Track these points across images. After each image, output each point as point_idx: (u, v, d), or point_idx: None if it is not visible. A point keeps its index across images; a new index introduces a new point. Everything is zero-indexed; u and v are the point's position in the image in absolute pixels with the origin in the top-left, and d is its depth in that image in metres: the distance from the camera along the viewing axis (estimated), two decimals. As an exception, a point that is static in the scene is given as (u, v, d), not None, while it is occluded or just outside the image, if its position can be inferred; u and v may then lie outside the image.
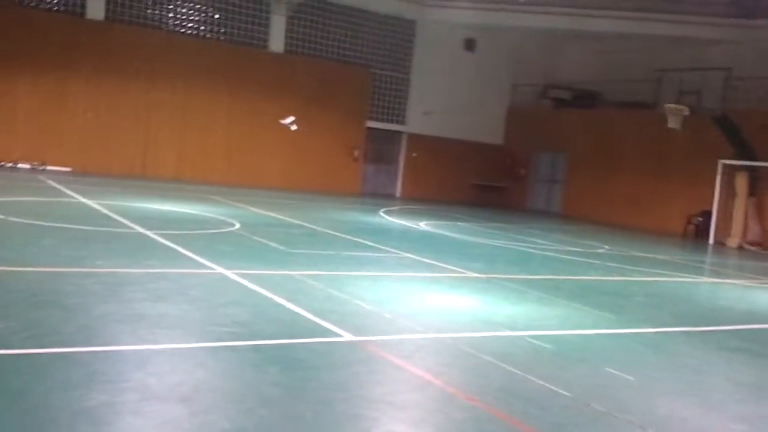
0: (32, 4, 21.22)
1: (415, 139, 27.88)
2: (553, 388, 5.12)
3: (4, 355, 4.60)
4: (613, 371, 5.79)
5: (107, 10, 22.17)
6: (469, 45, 28.44)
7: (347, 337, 5.97)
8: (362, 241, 12.64)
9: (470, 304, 8.09)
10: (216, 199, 17.58)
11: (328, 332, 6.07)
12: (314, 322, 6.33)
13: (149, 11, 22.88)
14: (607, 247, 16.42)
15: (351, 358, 5.49)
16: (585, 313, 8.25)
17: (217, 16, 23.90)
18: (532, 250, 14.32)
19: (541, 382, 5.21)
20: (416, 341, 6.17)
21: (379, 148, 27.58)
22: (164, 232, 10.91)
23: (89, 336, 5.22)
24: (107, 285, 6.90)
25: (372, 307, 7.19)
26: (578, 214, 25.68)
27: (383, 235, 14.53)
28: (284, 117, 21.83)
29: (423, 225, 17.08)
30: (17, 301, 5.98)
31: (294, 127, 21.70)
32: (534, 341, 6.49)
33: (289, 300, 7.05)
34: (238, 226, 12.74)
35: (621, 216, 24.39)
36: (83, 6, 21.84)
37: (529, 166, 28.86)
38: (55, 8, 21.55)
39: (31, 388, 4.06)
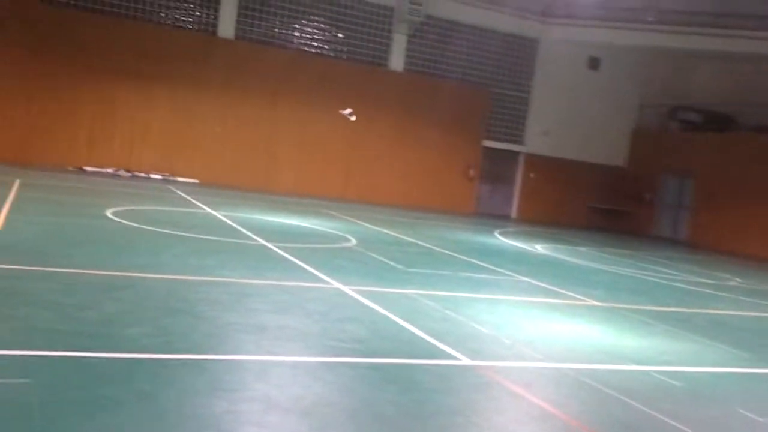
0: (168, 22, 22.52)
1: (533, 160, 27.37)
2: (680, 427, 4.80)
3: (138, 358, 4.81)
4: (746, 413, 5.37)
5: (237, 29, 23.20)
6: (593, 64, 27.70)
7: (464, 360, 5.86)
8: (478, 262, 12.47)
9: (592, 333, 7.77)
10: (333, 214, 17.91)
11: (445, 354, 5.98)
12: (431, 344, 6.26)
13: (276, 30, 23.76)
14: (739, 279, 15.42)
15: (469, 382, 5.38)
16: (716, 349, 7.73)
17: (340, 35, 24.49)
18: (658, 280, 13.64)
19: (669, 421, 4.90)
20: (536, 369, 5.97)
21: (496, 168, 27.26)
22: (284, 244, 11.19)
23: (215, 344, 5.38)
24: (232, 295, 7.12)
25: (489, 331, 7.04)
26: (707, 243, 24.29)
27: (499, 257, 14.29)
28: (349, 113, 21.96)
29: (540, 248, 16.67)
30: (150, 306, 6.27)
31: (353, 118, 21.76)
32: (661, 377, 6.13)
33: (405, 319, 7.02)
34: (354, 242, 12.89)
35: (754, 247, 22.85)
36: (215, 25, 22.96)
37: (654, 190, 27.63)
38: (189, 27, 22.78)
39: (161, 392, 4.21)
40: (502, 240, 17.56)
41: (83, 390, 4.09)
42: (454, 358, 5.90)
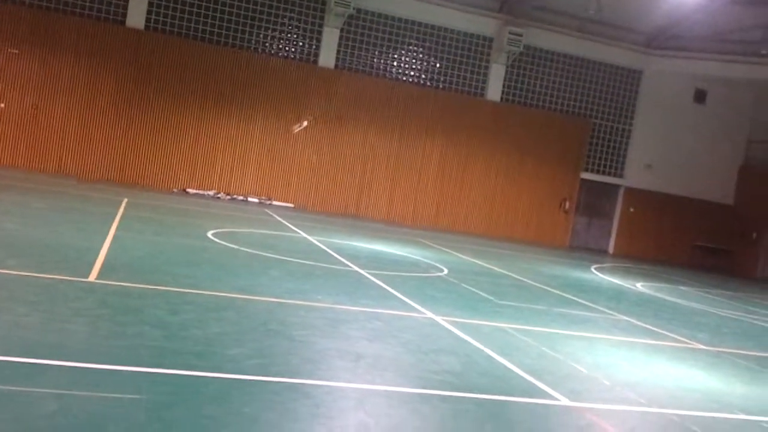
0: (272, 52, 23.29)
1: (633, 193, 26.56)
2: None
3: (239, 379, 4.91)
4: None
5: (337, 59, 23.74)
6: (700, 97, 26.73)
7: (564, 401, 5.68)
8: (574, 298, 12.13)
9: (697, 378, 7.38)
10: (424, 243, 17.90)
11: (542, 393, 5.81)
12: (528, 381, 6.10)
13: (375, 60, 24.17)
14: None
15: (569, 424, 5.20)
16: (837, 404, 7.17)
17: (438, 64, 24.66)
18: (766, 324, 12.88)
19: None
20: (638, 414, 5.71)
21: (593, 201, 26.60)
22: (377, 271, 11.25)
23: (313, 369, 5.43)
24: (328, 320, 7.19)
25: (588, 371, 6.80)
26: (820, 288, 22.78)
27: (596, 293, 13.86)
28: (299, 125, 21.58)
29: (640, 286, 16.07)
30: (250, 328, 6.41)
31: (304, 123, 21.24)
32: (776, 431, 5.75)
33: (500, 354, 6.89)
34: (446, 271, 12.81)
35: None
36: (316, 55, 23.58)
37: (761, 229, 26.23)
38: (292, 57, 23.48)
39: (262, 415, 4.28)
40: (599, 276, 17.05)
41: (188, 409, 4.20)
42: (553, 398, 5.73)
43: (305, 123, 20.15)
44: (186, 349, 5.41)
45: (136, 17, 21.85)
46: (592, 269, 18.28)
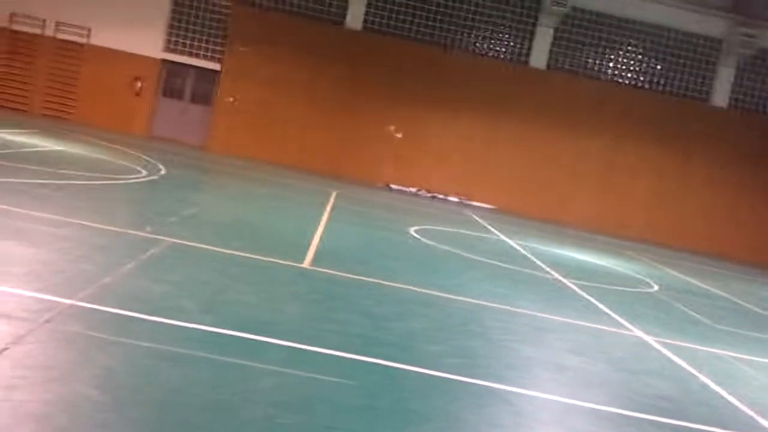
0: (482, 53, 23.25)
1: None
2: None
3: (441, 377, 4.92)
4: None
5: (549, 59, 23.18)
6: None
7: (794, 443, 5.07)
8: (804, 329, 10.85)
9: None
10: (632, 255, 16.95)
11: (766, 431, 5.23)
12: (749, 416, 5.53)
13: (590, 60, 23.29)
14: None
15: (801, 472, 4.63)
16: None
17: (659, 66, 23.22)
18: None
19: None
20: None
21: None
22: (581, 282, 10.81)
23: (515, 376, 5.32)
24: (530, 328, 7.02)
25: (824, 413, 6.02)
26: None
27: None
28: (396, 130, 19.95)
29: None
30: (451, 326, 6.42)
31: (398, 135, 19.52)
32: None
33: (717, 383, 6.31)
34: (656, 288, 12.03)
35: None
36: (528, 55, 23.19)
37: None
38: (502, 57, 23.29)
39: (464, 415, 4.24)
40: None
41: (391, 400, 4.27)
42: (780, 438, 5.14)
43: (397, 134, 19.90)
44: (390, 341, 5.53)
45: (355, 18, 22.86)
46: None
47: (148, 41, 22.37)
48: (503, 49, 23.26)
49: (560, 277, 10.84)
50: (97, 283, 5.31)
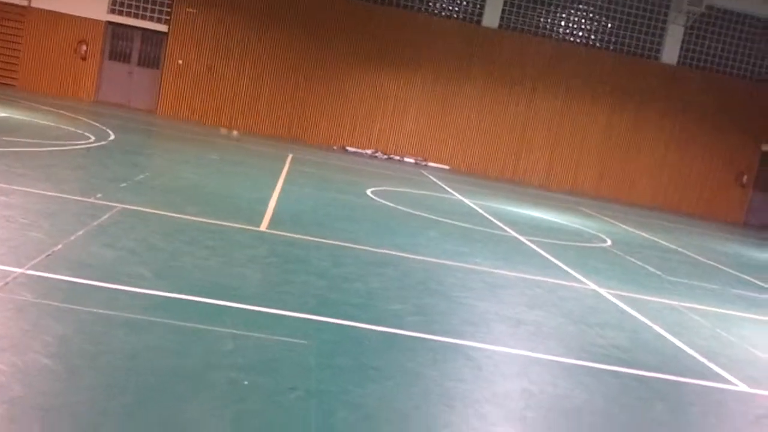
0: (435, 12, 23.09)
1: (822, 170, 24.07)
2: None
3: (400, 334, 4.95)
4: None
5: (501, 19, 23.14)
6: None
7: (741, 386, 5.26)
8: (752, 279, 11.23)
9: None
10: (585, 212, 17.24)
11: (717, 377, 5.41)
12: (700, 362, 5.71)
13: (541, 20, 23.32)
14: None
15: (748, 413, 4.80)
16: None
17: (609, 24, 23.40)
18: None
19: None
20: (830, 411, 5.17)
21: (774, 176, 24.40)
22: (535, 238, 10.96)
23: (473, 331, 5.37)
24: (487, 284, 7.09)
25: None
26: None
27: (775, 275, 12.75)
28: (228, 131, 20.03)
29: (826, 270, 14.59)
30: (409, 285, 6.45)
31: (234, 133, 19.70)
32: None
33: (669, 332, 6.50)
34: (609, 242, 12.27)
35: None
36: (480, 14, 23.11)
37: None
38: (455, 16, 23.16)
39: (425, 371, 4.28)
40: (777, 257, 15.67)
41: (352, 358, 4.28)
42: (729, 382, 5.32)
43: (234, 132, 19.62)
44: (349, 301, 5.53)
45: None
46: (771, 250, 16.84)
47: (92, 3, 21.63)
48: (456, 8, 23.13)
49: (516, 235, 10.97)
50: (46, 251, 5.16)
